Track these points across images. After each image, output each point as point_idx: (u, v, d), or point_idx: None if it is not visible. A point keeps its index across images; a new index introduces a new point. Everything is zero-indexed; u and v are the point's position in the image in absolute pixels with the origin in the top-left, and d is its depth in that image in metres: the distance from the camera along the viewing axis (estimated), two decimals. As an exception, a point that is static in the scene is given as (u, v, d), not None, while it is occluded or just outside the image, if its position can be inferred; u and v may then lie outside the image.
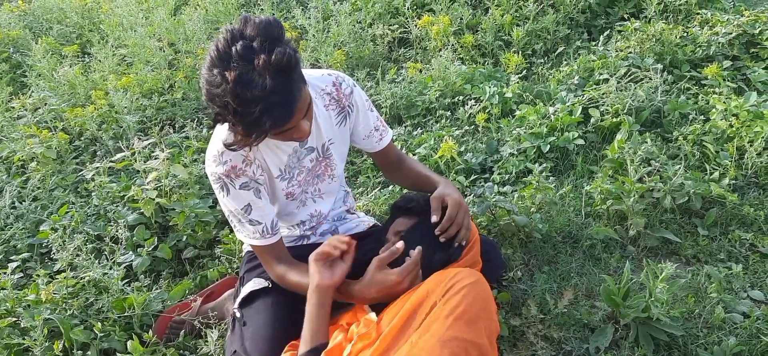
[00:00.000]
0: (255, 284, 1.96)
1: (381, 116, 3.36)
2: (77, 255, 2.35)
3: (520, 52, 3.85)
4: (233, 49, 1.40)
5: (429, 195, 1.90)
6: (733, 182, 2.53)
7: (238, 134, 1.51)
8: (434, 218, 1.79)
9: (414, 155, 2.98)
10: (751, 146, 2.63)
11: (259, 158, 1.80)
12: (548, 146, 2.82)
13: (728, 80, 3.18)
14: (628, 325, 1.97)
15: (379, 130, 2.04)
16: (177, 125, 3.69)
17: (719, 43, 3.41)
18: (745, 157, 2.62)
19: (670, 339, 1.94)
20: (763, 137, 2.62)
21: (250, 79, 1.39)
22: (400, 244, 1.68)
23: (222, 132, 1.71)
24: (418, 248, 1.70)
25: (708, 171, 2.57)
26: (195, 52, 4.32)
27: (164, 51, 4.41)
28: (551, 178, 2.66)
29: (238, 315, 1.95)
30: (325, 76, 1.89)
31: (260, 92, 1.40)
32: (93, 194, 2.88)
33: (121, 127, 3.58)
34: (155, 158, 2.81)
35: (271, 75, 1.40)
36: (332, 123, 1.91)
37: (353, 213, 2.23)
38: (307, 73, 1.88)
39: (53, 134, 3.36)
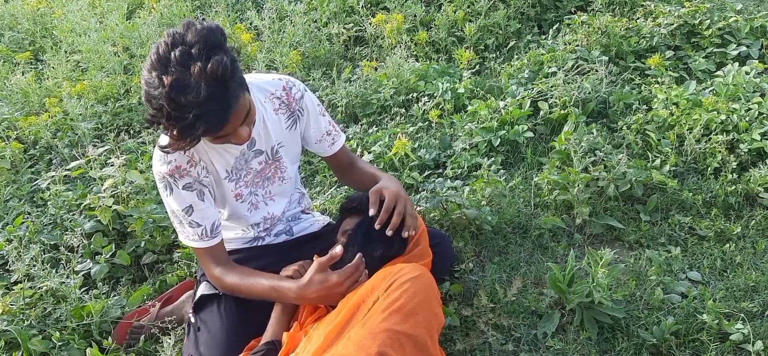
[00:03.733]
0: (206, 287, 2.00)
1: (337, 115, 3.44)
2: (34, 266, 2.36)
3: (473, 47, 3.92)
4: (172, 54, 1.44)
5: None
6: (674, 168, 2.64)
7: (172, 137, 1.54)
8: (372, 212, 1.85)
9: (369, 152, 3.03)
10: (690, 133, 2.74)
11: (205, 160, 1.83)
12: (499, 139, 2.90)
13: (670, 70, 3.30)
14: (573, 310, 2.06)
15: (331, 134, 2.08)
16: (133, 131, 3.68)
17: (662, 34, 3.53)
18: (685, 144, 2.73)
19: (613, 322, 2.03)
20: (701, 124, 2.73)
21: (186, 85, 1.43)
22: (338, 249, 1.74)
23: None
24: (359, 253, 1.75)
25: (650, 159, 2.68)
26: (150, 56, 4.30)
27: (119, 56, 4.38)
28: (502, 171, 2.74)
29: (192, 320, 1.98)
30: (275, 81, 1.93)
31: (194, 99, 1.43)
32: (49, 203, 2.87)
33: (77, 134, 3.56)
34: (111, 165, 2.82)
35: (207, 82, 1.44)
36: (282, 127, 1.94)
37: (308, 213, 2.28)
38: (258, 77, 1.92)
39: (6, 144, 3.34)
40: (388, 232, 1.82)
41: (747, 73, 3.05)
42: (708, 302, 2.01)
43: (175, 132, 1.51)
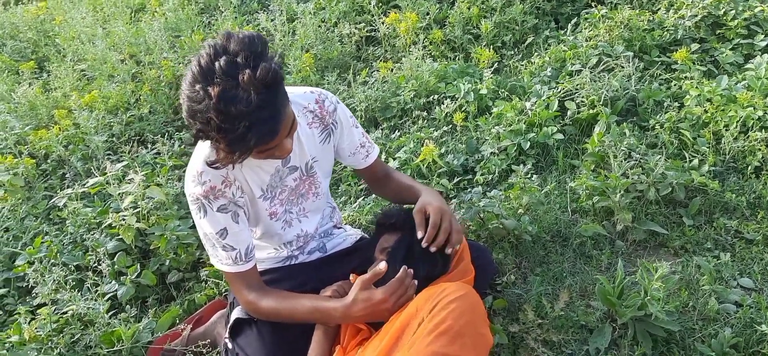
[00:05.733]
0: (241, 311, 1.93)
1: (356, 119, 3.35)
2: (57, 289, 2.28)
3: (490, 45, 3.84)
4: (217, 64, 1.37)
5: (409, 208, 1.89)
6: (713, 168, 2.57)
7: (220, 151, 1.47)
8: (420, 234, 1.78)
9: (394, 159, 2.96)
10: (726, 130, 2.67)
11: (240, 179, 1.75)
12: (528, 143, 2.82)
13: (698, 64, 3.22)
14: (625, 324, 1.99)
15: (365, 147, 2.01)
16: (147, 141, 3.59)
17: (686, 26, 3.45)
18: (722, 142, 2.66)
19: (668, 335, 1.96)
20: (737, 121, 2.66)
21: (235, 95, 1.36)
22: (382, 265, 1.67)
23: (203, 150, 1.67)
24: (404, 267, 1.68)
25: (687, 159, 2.61)
26: (158, 64, 4.21)
27: (126, 64, 4.29)
28: (534, 176, 2.67)
29: (229, 346, 1.91)
30: (307, 94, 1.85)
31: (245, 108, 1.36)
32: (67, 221, 2.78)
33: (89, 147, 3.47)
34: (129, 181, 2.73)
35: (257, 90, 1.37)
36: (316, 141, 1.87)
37: (340, 228, 2.20)
38: (289, 90, 1.84)
39: (19, 160, 3.24)
40: (433, 249, 1.75)
41: (777, 65, 2.97)
42: (766, 311, 1.94)
43: (225, 145, 1.43)
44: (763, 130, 2.63)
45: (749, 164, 2.56)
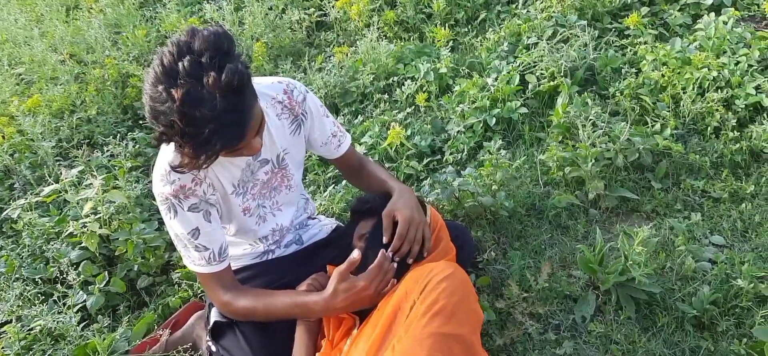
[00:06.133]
0: (219, 313, 1.88)
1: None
2: (20, 305, 2.17)
3: (444, 23, 3.82)
4: (180, 64, 1.29)
5: (383, 195, 1.88)
6: (675, 132, 2.62)
7: (185, 155, 1.40)
8: (385, 239, 1.75)
9: (359, 144, 2.92)
10: (684, 93, 2.73)
11: (210, 176, 1.70)
12: (494, 119, 2.83)
13: (649, 27, 3.29)
14: (607, 290, 2.02)
15: (337, 136, 1.96)
16: (97, 144, 3.45)
17: (635, -9, 3.52)
18: (681, 105, 2.73)
19: (649, 297, 2.00)
20: (694, 83, 2.73)
21: (200, 98, 1.29)
22: (356, 254, 1.65)
23: (169, 150, 1.60)
24: (381, 251, 1.66)
25: (649, 124, 2.66)
26: (102, 62, 4.05)
27: (67, 64, 4.10)
28: (503, 151, 2.68)
29: (213, 349, 1.86)
30: (275, 85, 1.79)
31: (210, 112, 1.30)
32: (23, 233, 2.65)
33: (37, 154, 3.31)
34: (88, 187, 2.61)
35: (222, 94, 1.31)
36: (286, 132, 1.82)
37: (314, 218, 2.17)
38: (256, 81, 1.78)
39: (-36, 174, 3.07)
40: (396, 258, 1.73)
41: (725, 23, 3.04)
42: (739, 266, 2.00)
43: (189, 150, 1.36)
44: (719, 90, 2.70)
45: (708, 125, 2.63)
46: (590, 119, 2.50)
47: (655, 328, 1.94)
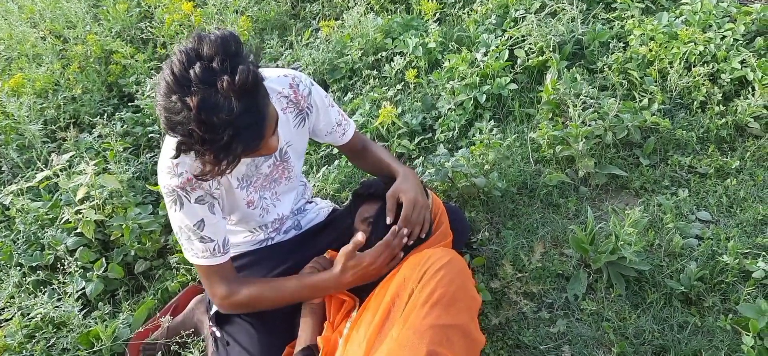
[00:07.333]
0: None
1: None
2: (20, 293, 2.18)
3: (431, -6, 3.81)
4: (192, 71, 1.29)
5: (387, 179, 1.91)
6: (662, 106, 2.66)
7: (207, 163, 1.40)
8: (388, 220, 1.79)
9: (351, 122, 2.93)
10: (671, 67, 2.77)
11: None
12: (484, 95, 2.85)
13: (637, 1, 3.30)
14: (599, 269, 2.07)
15: (341, 125, 1.98)
16: (84, 124, 3.43)
17: (621, -37, 3.52)
18: (668, 79, 2.76)
19: (639, 275, 2.06)
20: (680, 58, 2.76)
21: (216, 103, 1.29)
22: (360, 236, 1.68)
23: (174, 143, 1.61)
24: (393, 227, 1.70)
25: (636, 99, 2.70)
26: (83, 38, 3.99)
27: (48, 41, 4.04)
28: (494, 129, 2.71)
29: (218, 334, 1.89)
30: (281, 78, 1.80)
31: (228, 116, 1.30)
32: (17, 220, 2.64)
33: (24, 136, 3.27)
34: (80, 173, 2.60)
35: (237, 96, 1.31)
36: (290, 126, 1.83)
37: (311, 202, 2.19)
38: (262, 75, 1.79)
39: (-50, 159, 3.04)
40: (408, 241, 1.77)
41: (710, -4, 3.08)
42: (725, 242, 2.06)
43: (210, 157, 1.37)
44: (705, 65, 2.75)
45: (695, 100, 2.68)
46: (582, 98, 2.53)
47: (644, 305, 2.00)
